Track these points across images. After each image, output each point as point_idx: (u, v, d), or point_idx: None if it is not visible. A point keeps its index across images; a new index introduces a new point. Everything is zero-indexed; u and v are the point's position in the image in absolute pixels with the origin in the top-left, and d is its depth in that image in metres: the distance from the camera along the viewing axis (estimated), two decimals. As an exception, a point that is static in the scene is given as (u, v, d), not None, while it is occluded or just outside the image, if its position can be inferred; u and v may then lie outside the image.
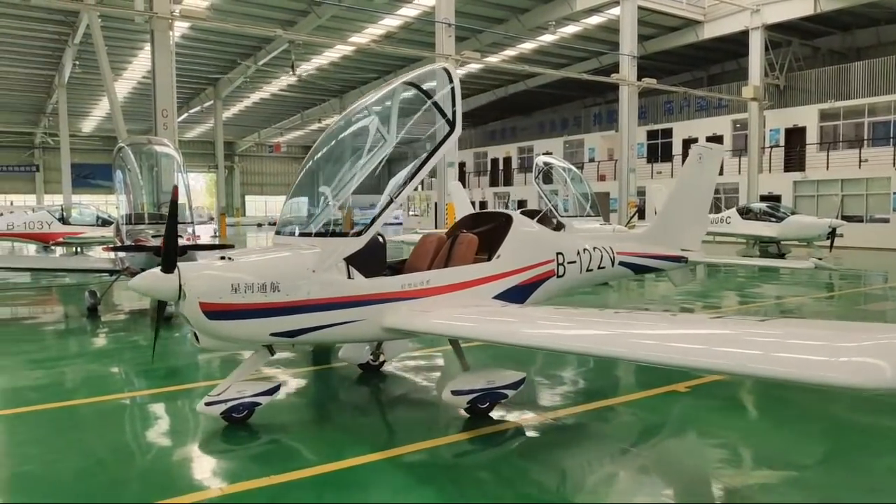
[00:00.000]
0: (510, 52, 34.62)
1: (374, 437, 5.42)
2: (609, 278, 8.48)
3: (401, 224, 46.47)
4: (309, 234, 5.76)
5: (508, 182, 47.36)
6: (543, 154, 25.57)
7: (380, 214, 5.69)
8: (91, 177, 51.55)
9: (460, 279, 6.16)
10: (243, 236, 39.74)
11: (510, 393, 5.79)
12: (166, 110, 17.60)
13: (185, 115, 44.53)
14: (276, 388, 5.81)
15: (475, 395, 5.60)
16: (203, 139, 58.00)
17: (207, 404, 5.45)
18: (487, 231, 6.96)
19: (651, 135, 38.94)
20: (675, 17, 30.96)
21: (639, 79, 28.10)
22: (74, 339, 9.97)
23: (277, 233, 6.18)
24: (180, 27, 23.53)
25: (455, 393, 5.55)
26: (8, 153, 55.09)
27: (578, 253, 7.51)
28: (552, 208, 18.16)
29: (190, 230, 14.57)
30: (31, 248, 24.64)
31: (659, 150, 38.71)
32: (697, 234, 9.58)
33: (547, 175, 19.38)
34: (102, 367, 8.02)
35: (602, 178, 39.47)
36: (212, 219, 41.65)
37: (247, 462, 4.92)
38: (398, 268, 6.66)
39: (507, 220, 6.96)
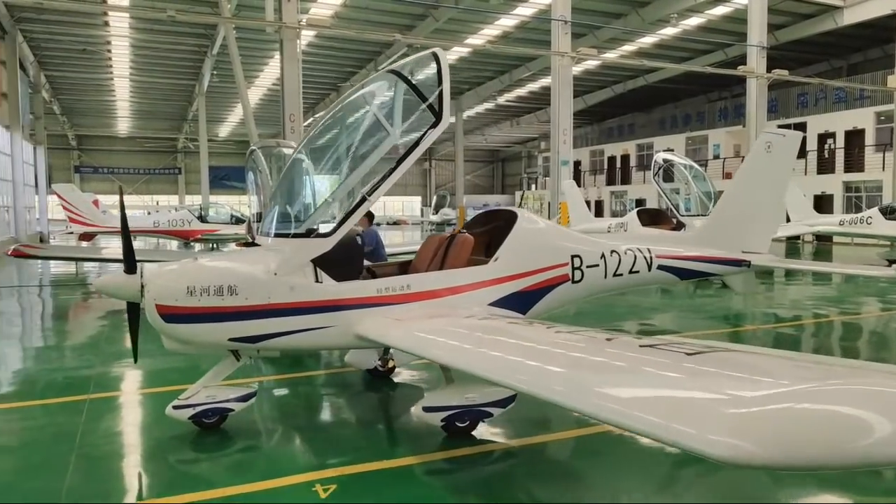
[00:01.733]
0: (629, 48, 33.70)
1: (337, 452, 5.05)
2: (647, 284, 7.56)
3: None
4: (279, 236, 5.44)
5: (626, 180, 46.12)
6: (664, 151, 24.74)
7: (350, 214, 5.20)
8: (226, 178, 55.22)
9: (447, 284, 5.65)
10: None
11: (496, 411, 5.17)
12: (293, 115, 18.62)
13: (311, 118, 46.78)
14: (252, 395, 5.63)
15: (451, 412, 5.06)
16: (326, 142, 60.59)
17: (175, 408, 5.36)
18: (491, 231, 6.46)
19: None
20: (810, 4, 28.93)
21: (769, 70, 26.54)
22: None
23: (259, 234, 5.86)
24: (306, 36, 24.77)
25: (427, 409, 5.04)
26: (154, 157, 60.28)
27: (603, 256, 6.73)
28: (672, 207, 17.56)
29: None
30: (173, 244, 26.85)
31: (791, 145, 36.31)
32: (765, 235, 8.36)
33: (667, 173, 18.75)
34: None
35: (728, 175, 37.53)
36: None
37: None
38: (405, 269, 6.35)
39: (511, 219, 6.35)
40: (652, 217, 18.27)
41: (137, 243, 27.92)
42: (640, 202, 39.48)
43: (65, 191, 23.95)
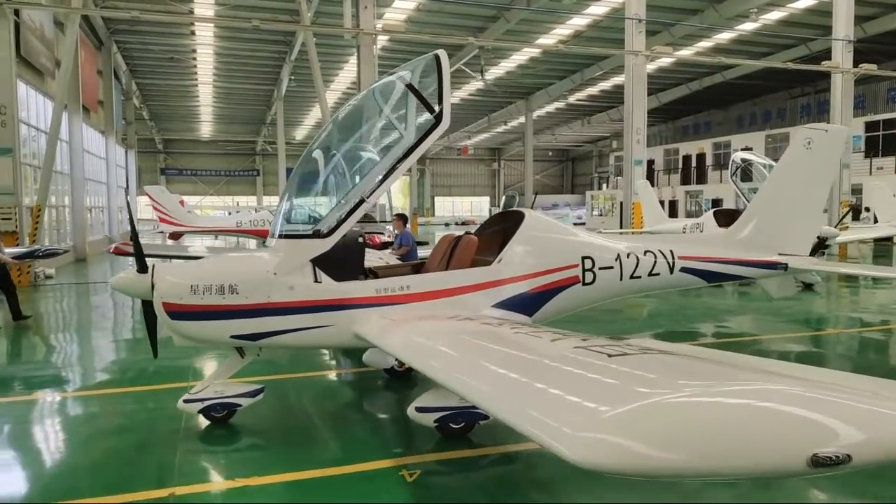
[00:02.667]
0: (705, 44, 32.86)
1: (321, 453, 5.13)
2: (668, 287, 7.27)
3: (584, 224, 45.93)
4: (282, 237, 5.55)
5: (702, 180, 44.92)
6: (741, 150, 24.05)
7: (349, 215, 5.27)
8: (301, 180, 56.84)
9: (447, 285, 5.64)
10: (432, 235, 41.70)
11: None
12: (369, 118, 19.12)
13: (383, 121, 47.62)
14: (259, 391, 5.83)
15: (444, 413, 5.04)
16: (397, 143, 61.55)
17: (186, 401, 5.64)
18: (502, 232, 6.36)
19: (870, 126, 34.94)
20: (902, -7, 27.52)
21: (855, 65, 25.40)
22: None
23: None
24: (381, 40, 25.34)
25: (420, 410, 5.03)
26: (235, 160, 62.74)
27: (618, 258, 6.55)
28: (750, 208, 17.12)
29: (389, 228, 15.85)
30: (251, 243, 28.00)
31: (880, 142, 34.62)
32: (805, 236, 7.85)
33: (745, 172, 18.30)
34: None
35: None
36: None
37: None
38: (419, 269, 6.40)
39: (519, 219, 6.28)
40: (729, 217, 17.78)
41: (219, 242, 29.30)
42: (716, 202, 38.43)
43: (155, 192, 25.36)
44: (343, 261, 5.47)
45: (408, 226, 10.98)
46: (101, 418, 6.33)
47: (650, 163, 44.10)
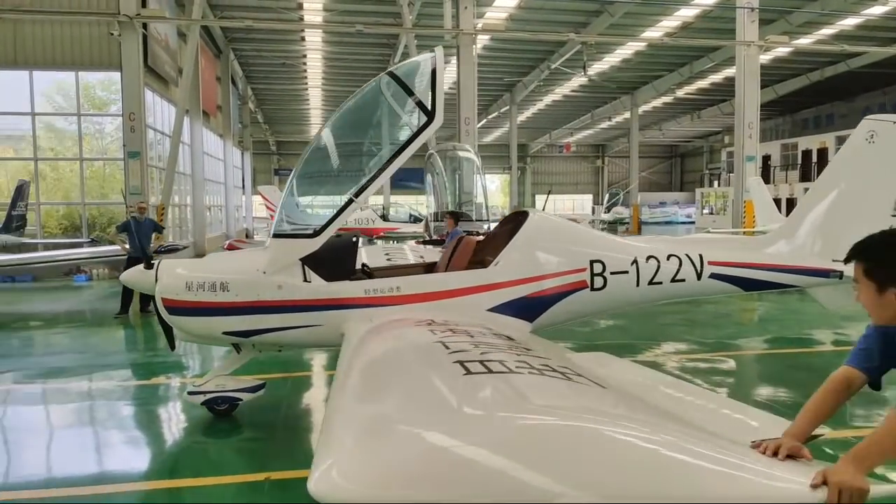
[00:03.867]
0: (827, 31, 30.75)
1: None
2: (697, 294, 6.69)
3: (693, 223, 44.15)
4: (276, 236, 5.57)
5: (823, 177, 42.05)
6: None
7: (337, 215, 5.26)
8: (405, 179, 58.10)
9: (439, 287, 5.50)
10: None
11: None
12: (468, 118, 19.33)
13: (484, 120, 47.84)
14: (259, 387, 6.03)
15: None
16: (498, 142, 61.61)
17: (190, 393, 5.93)
18: (509, 232, 6.09)
19: None
20: None
21: None
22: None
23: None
24: (481, 39, 25.49)
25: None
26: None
27: (635, 262, 6.05)
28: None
29: (486, 227, 15.94)
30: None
31: None
32: None
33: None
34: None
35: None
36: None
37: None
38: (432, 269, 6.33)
39: (522, 220, 6.02)
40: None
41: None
42: (838, 200, 35.84)
43: (268, 192, 26.73)
44: (334, 261, 5.48)
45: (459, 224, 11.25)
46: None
47: (765, 158, 41.81)
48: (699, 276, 6.27)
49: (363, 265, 6.27)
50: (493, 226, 17.23)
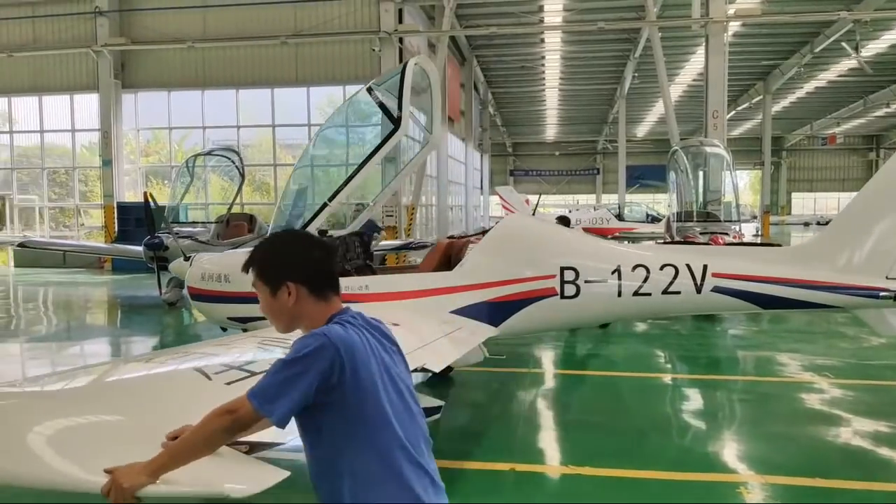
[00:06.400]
0: None
1: None
2: (694, 311, 6.24)
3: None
4: None
5: None
6: None
7: (313, 218, 5.89)
8: (641, 177, 56.25)
9: (403, 287, 5.83)
10: (787, 236, 37.61)
11: None
12: (717, 111, 18.17)
13: (733, 112, 44.41)
14: None
15: None
16: (748, 136, 56.85)
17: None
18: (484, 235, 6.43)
19: None
20: None
21: None
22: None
23: None
24: (733, 26, 23.76)
25: None
26: (575, 159, 64.73)
27: (617, 271, 5.58)
28: None
29: (735, 228, 14.85)
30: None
31: None
32: None
33: None
34: (647, 348, 9.20)
35: None
36: (755, 217, 40.66)
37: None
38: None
39: (497, 223, 6.35)
40: None
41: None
42: None
43: (505, 192, 27.67)
44: None
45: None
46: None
47: None
48: (699, 289, 5.60)
49: (367, 262, 6.79)
50: (743, 227, 16.18)
